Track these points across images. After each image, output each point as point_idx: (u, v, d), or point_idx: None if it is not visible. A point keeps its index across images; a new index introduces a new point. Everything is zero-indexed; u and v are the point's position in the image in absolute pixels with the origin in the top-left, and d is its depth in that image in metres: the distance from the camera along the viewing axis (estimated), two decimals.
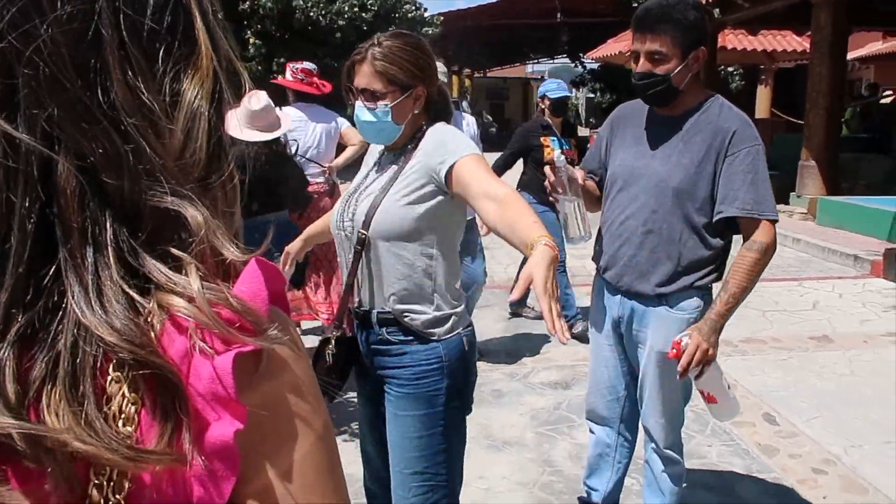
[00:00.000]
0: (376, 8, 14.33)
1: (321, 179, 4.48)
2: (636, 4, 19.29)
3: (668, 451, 2.41)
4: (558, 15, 22.34)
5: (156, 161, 0.48)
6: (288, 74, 4.75)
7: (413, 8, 15.57)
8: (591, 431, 2.61)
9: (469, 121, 4.45)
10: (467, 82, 37.42)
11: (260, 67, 13.02)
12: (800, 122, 14.13)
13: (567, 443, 3.49)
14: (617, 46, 16.58)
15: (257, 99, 3.26)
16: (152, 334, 0.47)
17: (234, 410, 0.48)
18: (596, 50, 20.93)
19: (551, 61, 41.41)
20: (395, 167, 1.86)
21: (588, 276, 2.93)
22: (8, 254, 0.45)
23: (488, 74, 37.92)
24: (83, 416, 0.45)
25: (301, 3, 13.40)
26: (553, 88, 5.02)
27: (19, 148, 0.45)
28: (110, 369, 0.46)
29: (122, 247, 0.47)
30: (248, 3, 13.47)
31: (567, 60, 37.27)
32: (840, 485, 3.11)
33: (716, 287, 2.32)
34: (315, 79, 4.63)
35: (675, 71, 2.09)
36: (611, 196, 2.32)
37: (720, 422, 2.25)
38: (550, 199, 2.21)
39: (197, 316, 0.47)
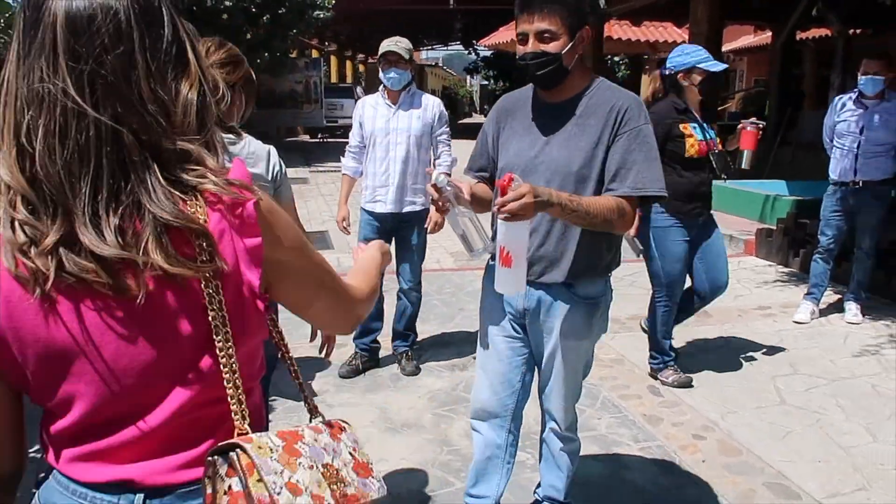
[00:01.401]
0: None
1: None
2: None
3: (567, 432, 2.46)
4: (451, 1, 22.44)
5: (166, 127, 0.92)
6: None
7: None
8: (476, 431, 2.48)
9: (431, 102, 4.13)
10: (361, 67, 37.04)
11: None
12: None
13: (464, 422, 3.54)
14: (509, 34, 16.87)
15: None
16: (201, 216, 0.91)
17: (254, 230, 0.96)
18: (489, 37, 21.23)
19: (445, 48, 41.61)
20: None
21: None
22: (103, 176, 0.88)
23: (378, 59, 37.66)
24: (168, 254, 0.89)
25: None
26: (704, 58, 3.78)
27: (105, 123, 0.88)
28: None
29: (159, 170, 0.91)
30: None
31: (461, 47, 37.58)
32: (717, 448, 3.32)
33: (615, 273, 2.37)
34: None
35: (565, 49, 2.08)
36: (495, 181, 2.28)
37: (501, 292, 2.11)
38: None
39: (219, 189, 0.93)
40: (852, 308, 5.17)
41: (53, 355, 0.91)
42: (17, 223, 0.87)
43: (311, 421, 1.12)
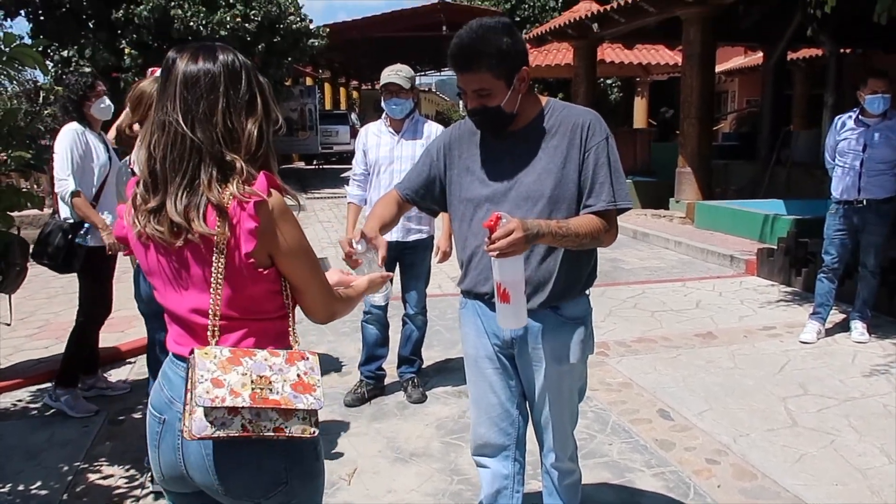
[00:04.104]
0: (259, 19, 13.96)
1: None
2: (519, 18, 19.66)
3: (567, 463, 2.39)
4: (443, 28, 22.65)
5: (227, 147, 1.43)
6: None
7: (298, 19, 15.27)
8: (482, 466, 2.40)
9: (434, 129, 4.08)
10: (355, 94, 37.24)
11: (136, 79, 12.42)
12: (674, 131, 14.94)
13: None
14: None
15: None
16: (227, 203, 1.40)
17: (254, 219, 1.40)
18: None
19: (438, 73, 41.88)
20: None
21: None
22: (186, 171, 1.42)
23: (376, 86, 37.95)
24: (203, 222, 1.40)
25: (180, 12, 12.90)
26: None
27: (195, 140, 1.41)
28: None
29: (216, 172, 1.41)
30: (122, 11, 12.84)
31: (453, 73, 37.82)
32: (732, 473, 3.27)
33: (598, 290, 2.34)
34: None
35: (504, 100, 2.05)
36: (472, 220, 2.21)
37: (504, 328, 2.12)
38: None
39: (239, 190, 1.40)
40: (858, 327, 5.15)
41: (145, 269, 1.56)
42: (138, 195, 1.48)
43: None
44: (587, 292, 2.30)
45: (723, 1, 10.02)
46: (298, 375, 1.44)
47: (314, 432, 1.46)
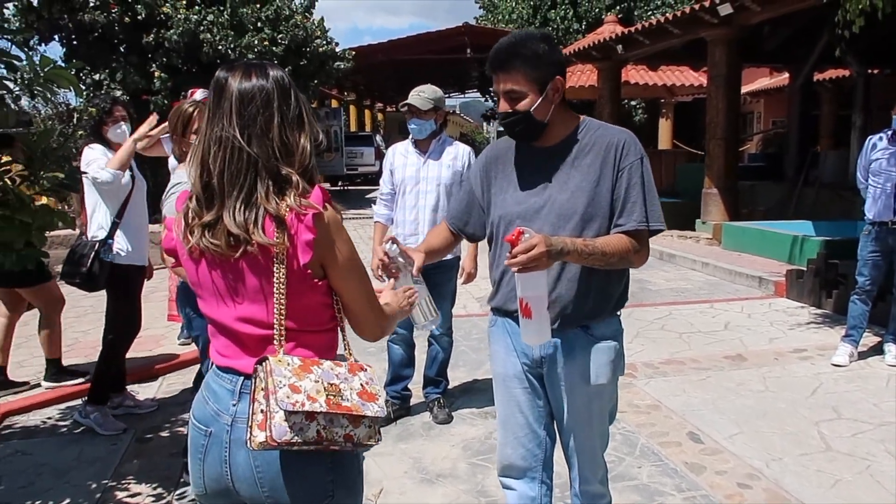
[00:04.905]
0: (287, 42, 14.18)
1: None
2: None
3: (597, 486, 2.34)
4: (468, 51, 22.82)
5: (283, 160, 1.47)
6: (200, 96, 4.90)
7: (324, 42, 15.47)
8: (508, 488, 2.35)
9: (461, 151, 4.11)
10: (379, 116, 37.57)
11: (166, 101, 12.62)
12: (699, 152, 14.88)
13: None
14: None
15: None
16: (284, 214, 1.44)
17: (310, 230, 1.45)
18: None
19: (463, 95, 42.15)
20: None
21: None
22: (244, 184, 1.45)
23: (400, 108, 38.17)
24: (262, 232, 1.44)
25: (209, 36, 13.13)
26: None
27: (252, 154, 1.45)
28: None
29: (272, 185, 1.45)
30: (152, 35, 13.10)
31: (477, 94, 38.04)
32: (765, 498, 3.20)
33: (625, 311, 2.32)
34: None
35: (535, 106, 2.07)
36: (504, 237, 2.15)
37: (528, 343, 2.14)
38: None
39: (297, 203, 1.44)
40: (892, 350, 5.04)
41: (193, 282, 1.58)
42: (190, 210, 1.50)
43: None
44: (618, 313, 2.28)
45: (748, 22, 10.00)
46: (361, 385, 1.49)
47: (379, 439, 1.52)
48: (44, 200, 3.09)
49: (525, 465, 2.30)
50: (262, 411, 1.40)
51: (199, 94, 5.12)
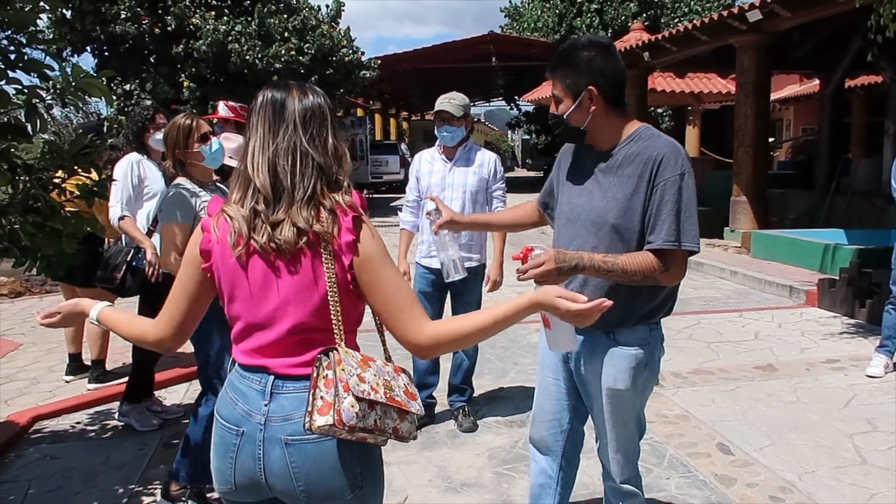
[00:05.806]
0: (313, 51, 14.29)
1: None
2: None
3: (625, 486, 2.37)
4: (493, 59, 22.84)
5: (336, 164, 1.64)
6: (223, 109, 5.05)
7: (350, 52, 15.57)
8: (534, 460, 2.56)
9: (487, 158, 4.13)
10: (405, 125, 37.72)
11: (195, 111, 12.80)
12: (727, 160, 14.71)
13: (526, 482, 3.40)
14: (549, 89, 16.98)
15: (233, 139, 3.89)
16: (335, 207, 1.58)
17: (351, 232, 1.57)
18: (530, 93, 21.43)
19: (487, 104, 42.20)
20: None
21: None
22: (308, 185, 1.58)
23: (426, 117, 38.36)
24: (321, 223, 1.56)
25: (237, 46, 13.28)
26: None
27: (316, 160, 1.61)
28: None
29: (328, 188, 1.60)
30: (181, 46, 13.29)
31: (503, 103, 38.05)
32: None
33: (665, 321, 2.30)
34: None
35: (569, 111, 2.16)
36: (557, 230, 2.34)
37: (553, 351, 2.29)
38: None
39: (341, 202, 1.59)
40: None
41: (227, 284, 1.62)
42: (259, 211, 1.57)
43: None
44: (654, 322, 2.26)
45: (777, 28, 9.88)
46: (405, 385, 1.60)
47: (415, 437, 1.63)
48: (75, 207, 3.12)
49: (547, 444, 2.48)
50: (321, 398, 1.48)
51: (222, 107, 5.23)
